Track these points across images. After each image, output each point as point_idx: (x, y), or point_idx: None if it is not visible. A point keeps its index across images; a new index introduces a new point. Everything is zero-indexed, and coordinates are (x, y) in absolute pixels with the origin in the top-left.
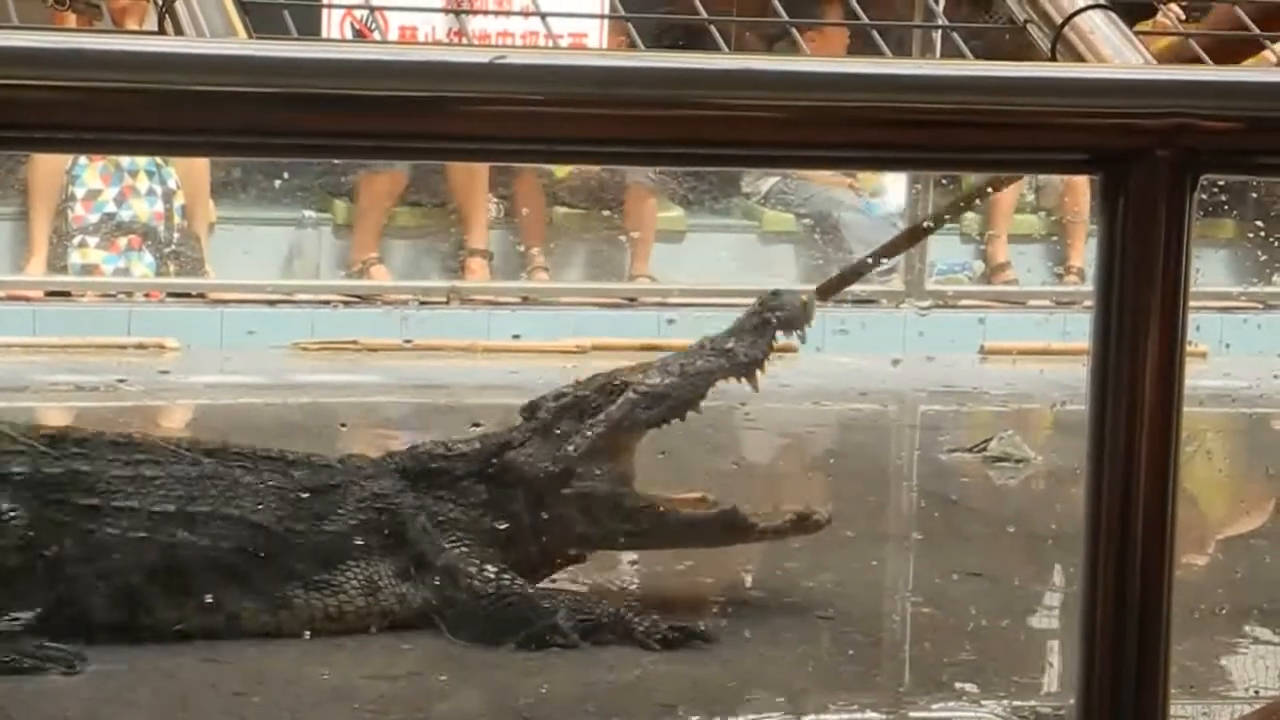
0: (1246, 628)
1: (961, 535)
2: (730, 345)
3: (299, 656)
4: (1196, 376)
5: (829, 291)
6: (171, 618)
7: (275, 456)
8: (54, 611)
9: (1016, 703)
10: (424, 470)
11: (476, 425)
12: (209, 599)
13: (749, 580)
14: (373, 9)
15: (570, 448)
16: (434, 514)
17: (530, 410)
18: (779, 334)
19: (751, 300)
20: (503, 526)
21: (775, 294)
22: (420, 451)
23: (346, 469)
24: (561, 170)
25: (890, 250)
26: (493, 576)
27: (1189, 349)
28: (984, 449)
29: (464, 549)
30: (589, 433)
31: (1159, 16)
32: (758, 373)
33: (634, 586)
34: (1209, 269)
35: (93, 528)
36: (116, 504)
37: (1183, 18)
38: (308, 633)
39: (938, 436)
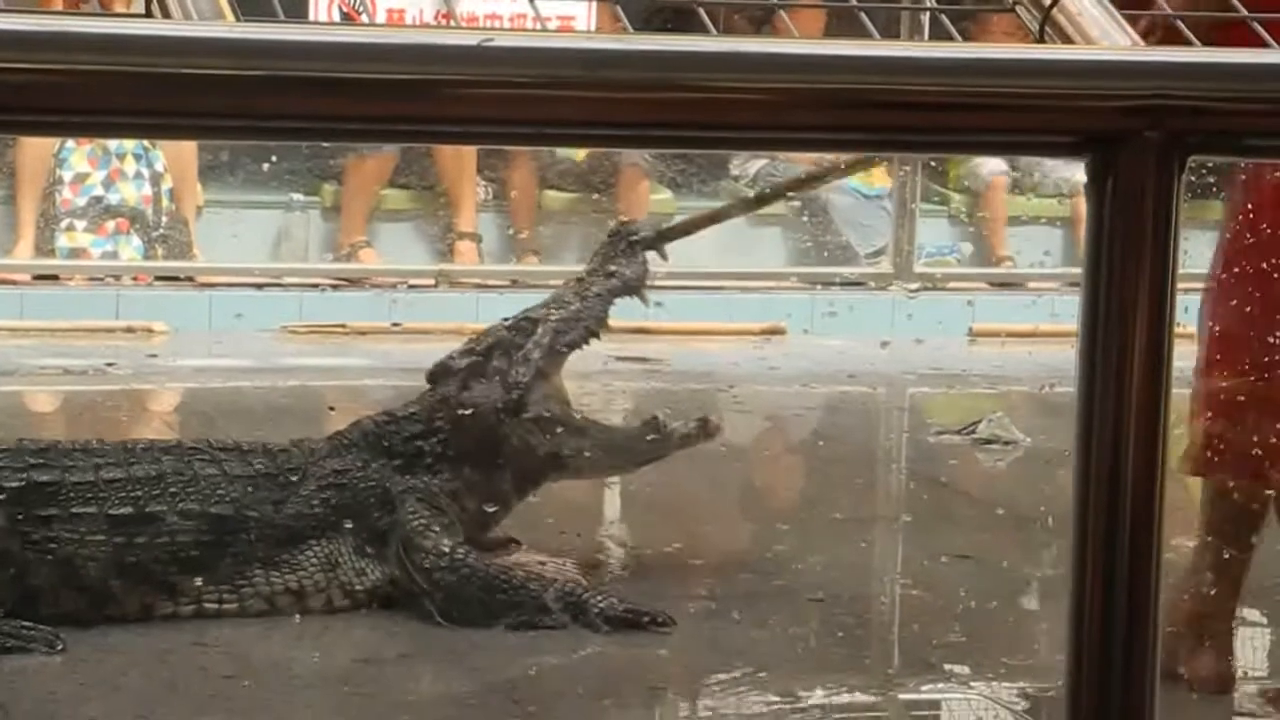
0: (1236, 610)
1: (950, 517)
2: (612, 269)
3: (288, 639)
4: (1185, 358)
5: (669, 237)
6: (136, 607)
7: (231, 447)
8: (20, 607)
9: (1005, 684)
10: (375, 442)
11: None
12: (172, 586)
13: (737, 562)
14: None
15: (519, 374)
16: (391, 486)
17: (438, 373)
18: (645, 251)
19: (739, 282)
20: (462, 478)
21: (625, 222)
22: (367, 423)
23: (302, 452)
24: (580, 153)
25: (728, 213)
26: (447, 550)
27: (1178, 330)
28: (973, 431)
29: (421, 520)
30: (531, 357)
31: None
32: (644, 290)
33: (620, 569)
34: (1198, 251)
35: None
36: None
37: None
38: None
39: (926, 419)
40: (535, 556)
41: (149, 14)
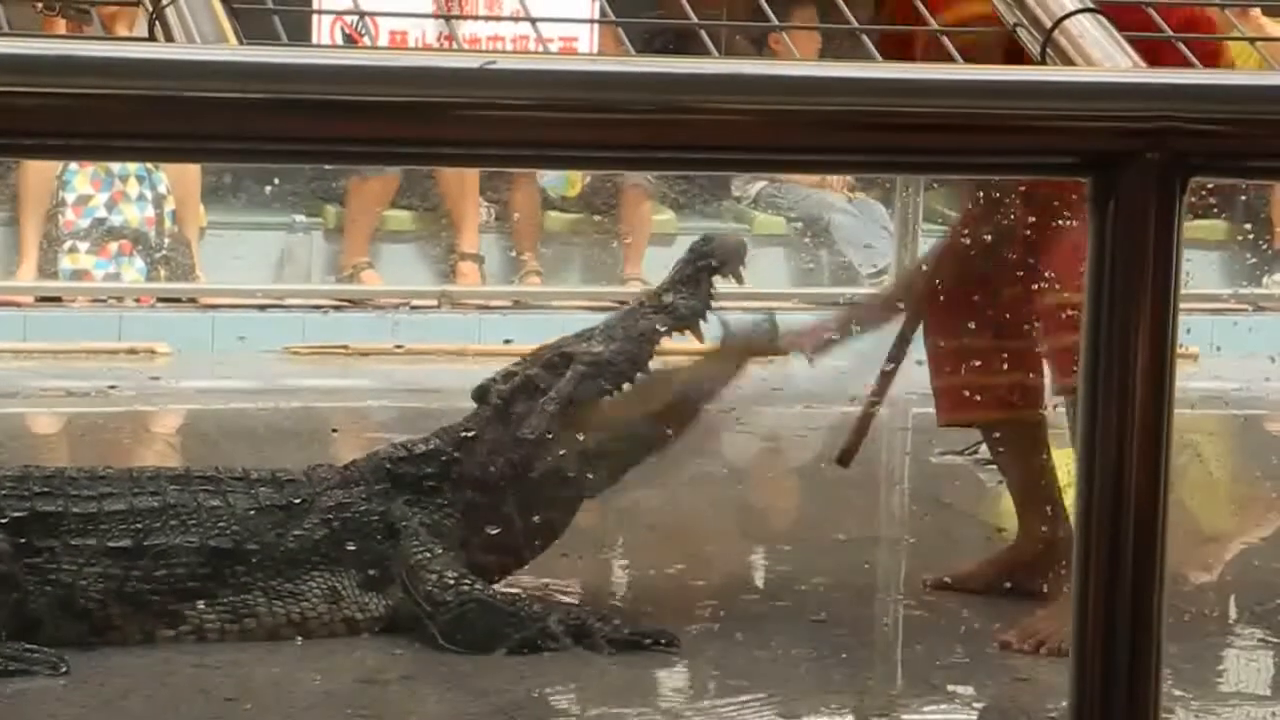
0: (1238, 630)
1: (952, 538)
2: (669, 300)
3: (291, 661)
4: (1187, 378)
5: (850, 454)
6: (137, 635)
7: (240, 476)
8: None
9: (1008, 704)
10: (389, 475)
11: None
12: (174, 614)
13: (740, 584)
14: (362, 15)
15: (528, 432)
16: (399, 520)
17: (481, 394)
18: (715, 279)
19: (743, 305)
20: (471, 521)
21: (706, 239)
22: (381, 457)
23: (312, 481)
24: (574, 188)
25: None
26: (452, 583)
27: (1180, 351)
28: (975, 452)
29: (426, 554)
30: (546, 410)
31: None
32: (700, 323)
33: (623, 590)
34: (1200, 271)
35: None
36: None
37: None
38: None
39: (928, 439)
40: None
41: (152, 37)
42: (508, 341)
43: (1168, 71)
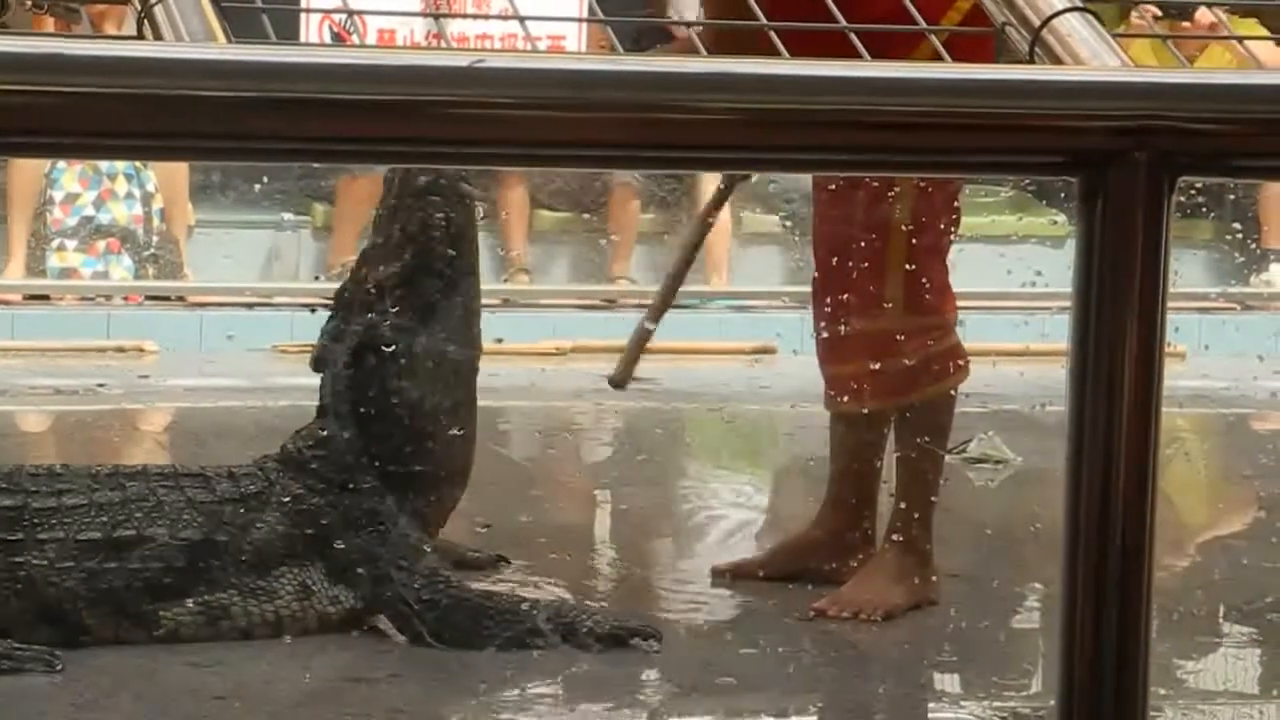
0: (1225, 628)
1: (941, 537)
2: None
3: (280, 659)
4: (1176, 377)
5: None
6: (108, 635)
7: (196, 473)
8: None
9: (996, 704)
10: (307, 459)
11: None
12: (146, 614)
13: (726, 582)
14: (351, 14)
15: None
16: (333, 504)
17: (321, 361)
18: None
19: (733, 301)
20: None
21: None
22: (294, 444)
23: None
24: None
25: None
26: (427, 577)
27: (1168, 350)
28: (964, 450)
29: (393, 546)
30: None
31: (1134, 18)
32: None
33: (611, 587)
34: (1187, 270)
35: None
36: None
37: (1159, 15)
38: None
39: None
40: None
41: (140, 36)
42: (499, 341)
43: (1155, 71)
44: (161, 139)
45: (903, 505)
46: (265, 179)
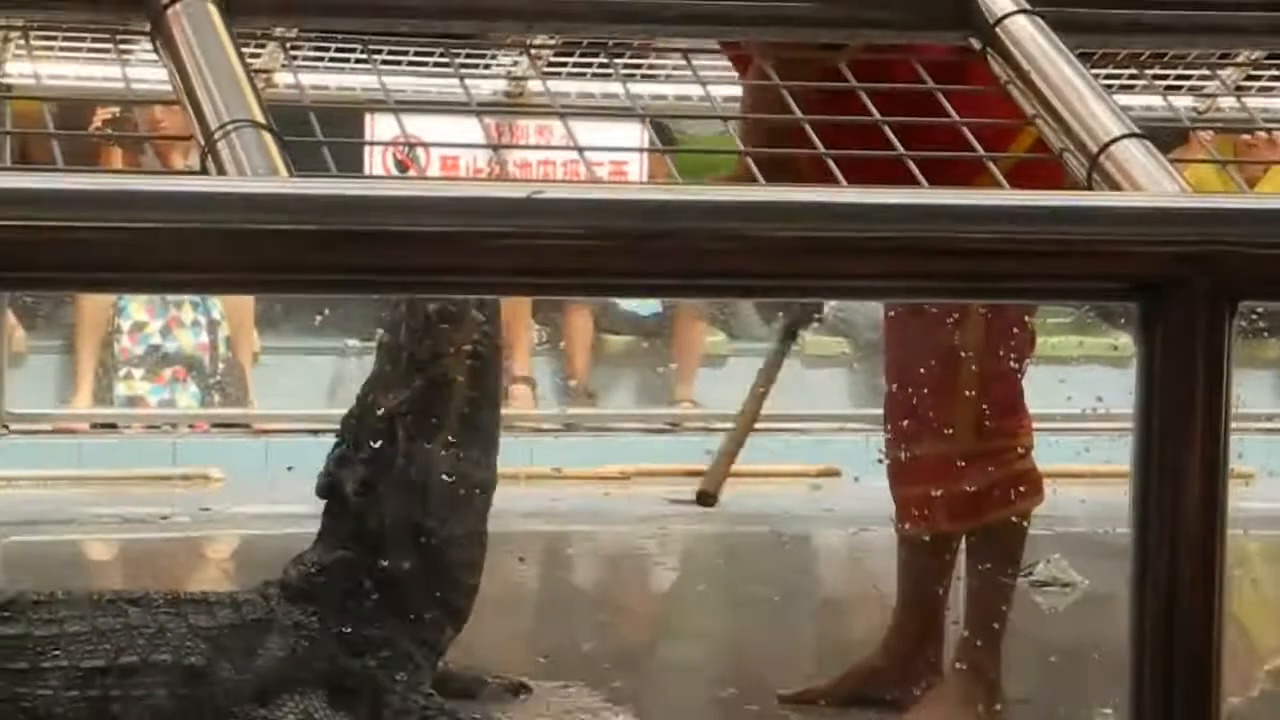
0: None
1: (1007, 661)
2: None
3: None
4: (1242, 499)
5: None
6: None
7: (198, 598)
8: None
9: None
10: (310, 586)
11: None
12: None
13: (794, 712)
14: (412, 146)
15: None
16: (330, 629)
17: (328, 489)
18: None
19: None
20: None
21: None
22: (296, 570)
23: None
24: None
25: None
26: (420, 704)
27: (1234, 472)
28: (1030, 573)
29: (388, 671)
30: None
31: (1192, 143)
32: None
33: (672, 716)
34: (1254, 392)
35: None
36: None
37: (1211, 135)
38: None
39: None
40: None
41: (204, 170)
42: (557, 470)
43: (1213, 196)
44: (228, 272)
45: (969, 632)
46: (327, 310)
